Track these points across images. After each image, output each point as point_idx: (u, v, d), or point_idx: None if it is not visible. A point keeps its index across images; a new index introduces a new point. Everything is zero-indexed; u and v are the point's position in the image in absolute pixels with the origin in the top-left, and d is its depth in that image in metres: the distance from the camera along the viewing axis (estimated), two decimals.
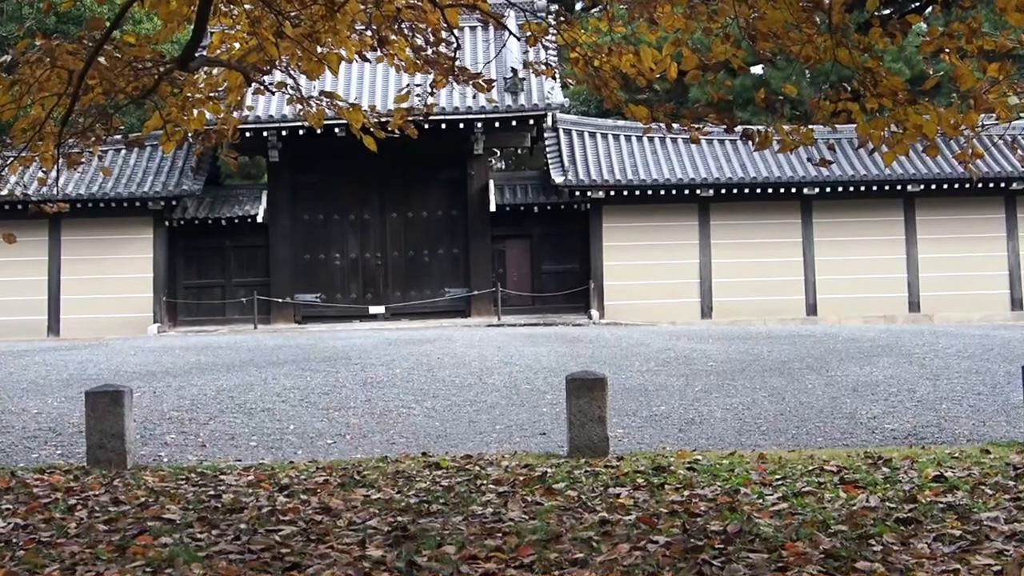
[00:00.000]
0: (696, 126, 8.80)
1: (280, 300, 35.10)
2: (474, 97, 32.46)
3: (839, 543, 6.95)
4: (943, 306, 34.69)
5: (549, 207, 35.43)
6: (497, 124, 34.18)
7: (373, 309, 35.42)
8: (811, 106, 8.11)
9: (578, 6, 38.80)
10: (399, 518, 8.09)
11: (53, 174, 9.53)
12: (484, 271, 35.39)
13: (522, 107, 33.86)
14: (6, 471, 11.00)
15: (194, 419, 14.26)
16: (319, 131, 10.98)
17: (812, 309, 34.87)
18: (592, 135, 36.30)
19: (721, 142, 35.38)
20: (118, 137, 11.20)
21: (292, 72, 9.46)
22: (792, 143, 8.03)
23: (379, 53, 9.29)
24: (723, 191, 34.44)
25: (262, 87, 9.60)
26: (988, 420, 13.45)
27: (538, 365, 18.27)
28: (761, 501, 8.58)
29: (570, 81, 10.76)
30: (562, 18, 9.50)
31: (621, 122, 35.54)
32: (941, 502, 8.34)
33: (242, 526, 7.91)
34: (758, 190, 34.43)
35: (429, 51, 9.33)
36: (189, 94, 9.49)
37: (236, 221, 35.21)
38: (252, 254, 35.93)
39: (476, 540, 7.27)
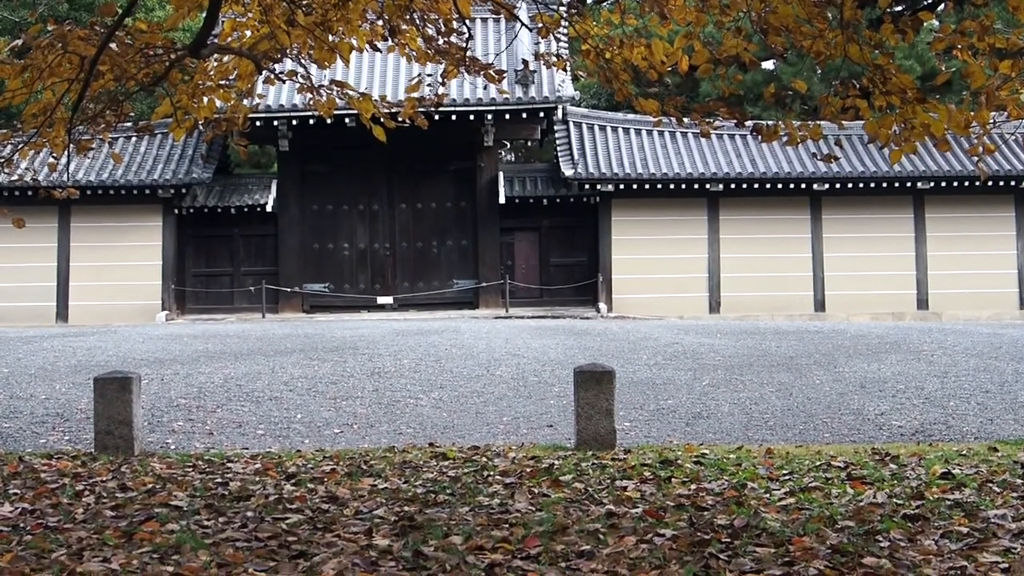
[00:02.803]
0: (707, 120, 8.79)
1: (288, 289, 35.15)
2: (485, 88, 32.48)
3: (846, 538, 6.95)
4: (951, 304, 34.63)
5: (558, 200, 35.42)
6: (507, 116, 34.17)
7: (381, 299, 35.44)
8: (820, 102, 8.09)
9: None
10: (406, 508, 8.09)
11: (63, 160, 9.55)
12: (492, 263, 35.38)
13: (532, 99, 33.84)
14: (14, 456, 11.02)
15: (201, 407, 14.28)
16: (329, 121, 10.99)
17: (820, 305, 34.83)
18: (602, 128, 36.25)
19: (731, 137, 35.36)
20: (128, 124, 11.21)
21: (303, 61, 9.46)
22: (799, 137, 8.02)
23: (390, 43, 9.28)
24: (732, 186, 34.39)
25: (273, 75, 9.59)
26: (996, 418, 13.43)
27: (545, 357, 18.27)
28: (768, 496, 8.57)
29: (581, 74, 10.75)
30: (574, 10, 9.49)
31: (631, 116, 35.50)
32: (948, 499, 8.33)
33: (249, 514, 7.92)
34: (767, 185, 34.38)
35: (440, 41, 9.33)
36: (200, 82, 9.49)
37: (245, 210, 35.22)
38: (261, 243, 35.97)
39: (483, 531, 7.27)
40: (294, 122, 33.45)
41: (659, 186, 34.40)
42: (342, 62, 9.28)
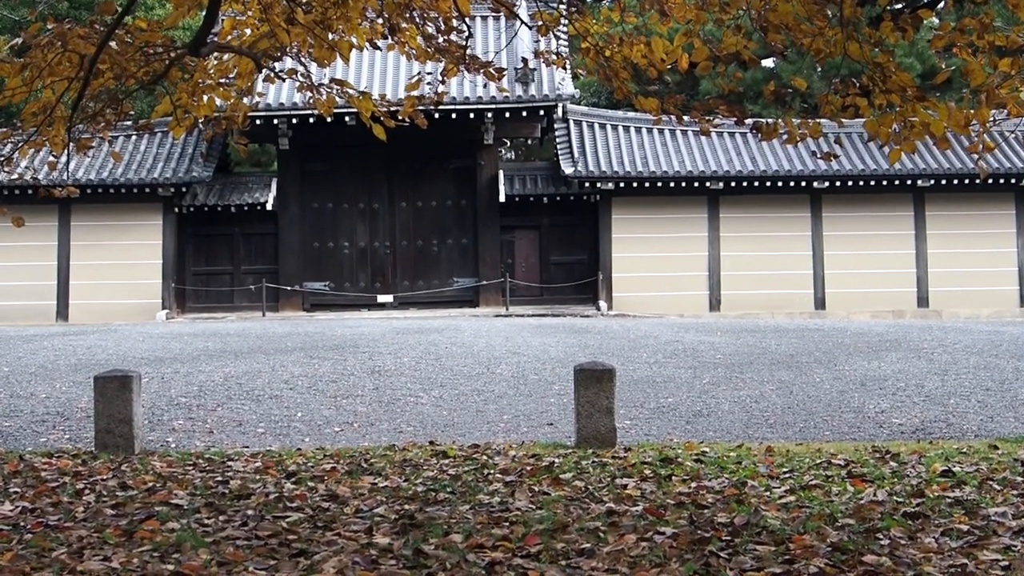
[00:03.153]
0: (707, 118, 8.79)
1: (289, 288, 35.17)
2: (484, 86, 32.50)
3: (846, 536, 6.95)
4: (952, 302, 34.64)
5: (558, 198, 35.44)
6: (507, 114, 34.20)
7: (381, 298, 35.46)
8: (820, 100, 8.09)
9: None
10: (406, 506, 8.09)
11: (63, 158, 9.55)
12: (493, 261, 35.40)
13: (532, 97, 33.85)
14: (15, 455, 11.02)
15: (202, 405, 14.28)
16: (329, 119, 11.02)
17: (820, 303, 34.84)
18: (602, 126, 36.26)
19: (731, 135, 35.36)
20: (128, 122, 11.22)
21: (303, 59, 9.45)
22: (799, 135, 8.01)
23: (390, 41, 9.27)
24: (733, 184, 34.40)
25: (272, 74, 9.59)
26: (996, 416, 13.42)
27: (546, 356, 18.27)
28: (768, 494, 8.57)
29: (581, 72, 10.79)
30: (574, 8, 9.48)
31: (631, 114, 35.52)
32: (949, 497, 8.32)
33: (249, 512, 7.92)
34: (768, 183, 34.38)
35: (440, 39, 9.32)
36: (199, 80, 9.48)
37: (245, 208, 35.26)
38: (261, 241, 36.00)
39: (483, 529, 7.27)
40: (294, 120, 33.47)
41: (659, 184, 34.41)
42: (342, 60, 9.29)
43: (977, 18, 7.43)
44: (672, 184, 34.42)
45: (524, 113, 34.43)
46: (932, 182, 34.34)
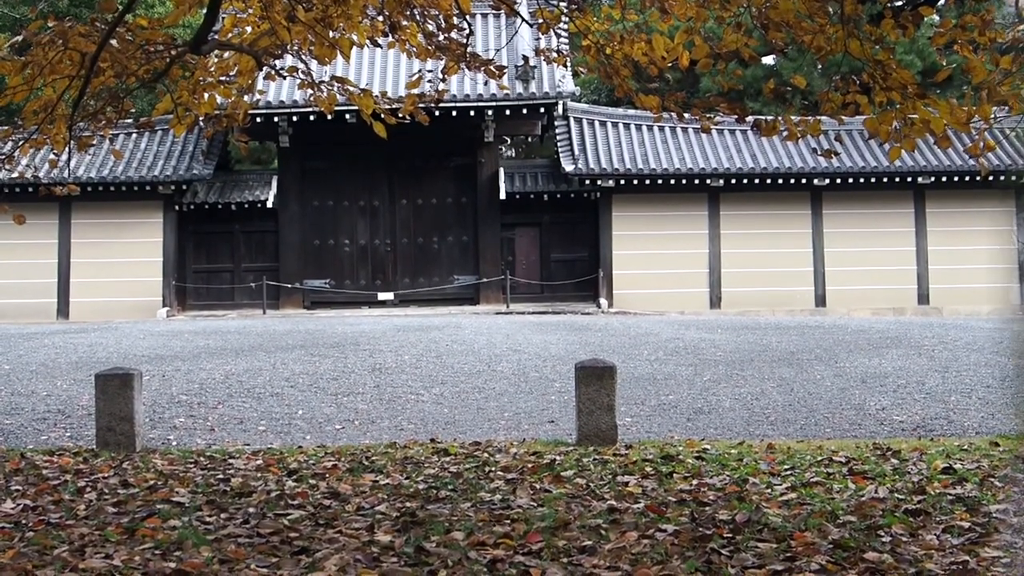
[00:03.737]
0: (707, 116, 8.80)
1: (289, 285, 35.16)
2: (485, 84, 32.45)
3: (848, 533, 6.95)
4: (952, 299, 34.62)
5: (559, 195, 35.43)
6: (508, 111, 34.18)
7: (382, 295, 35.45)
8: (820, 98, 8.09)
9: None
10: (408, 504, 8.09)
11: (64, 156, 9.55)
12: (493, 259, 35.39)
13: (533, 95, 33.83)
14: (16, 453, 11.03)
15: (203, 403, 14.29)
16: (330, 117, 11.03)
17: (821, 300, 34.83)
18: (603, 124, 36.23)
19: (732, 132, 35.32)
20: (129, 120, 11.23)
21: (303, 57, 9.45)
22: (799, 132, 8.01)
23: (391, 38, 9.27)
24: (733, 181, 34.39)
25: (273, 71, 9.58)
26: (997, 413, 13.43)
27: (546, 353, 18.27)
28: (770, 491, 8.57)
29: (581, 70, 10.80)
30: (574, 5, 9.48)
31: (632, 111, 35.48)
32: (950, 494, 8.32)
33: (251, 510, 7.92)
34: (768, 180, 34.37)
35: (441, 37, 9.32)
36: (200, 78, 9.48)
37: (246, 206, 35.25)
38: (261, 239, 35.99)
39: (484, 526, 7.27)
40: (294, 118, 33.45)
41: (660, 181, 34.39)
42: (342, 58, 9.28)
43: (978, 15, 7.43)
44: (673, 181, 34.40)
45: (524, 111, 34.42)
46: (932, 179, 34.33)
